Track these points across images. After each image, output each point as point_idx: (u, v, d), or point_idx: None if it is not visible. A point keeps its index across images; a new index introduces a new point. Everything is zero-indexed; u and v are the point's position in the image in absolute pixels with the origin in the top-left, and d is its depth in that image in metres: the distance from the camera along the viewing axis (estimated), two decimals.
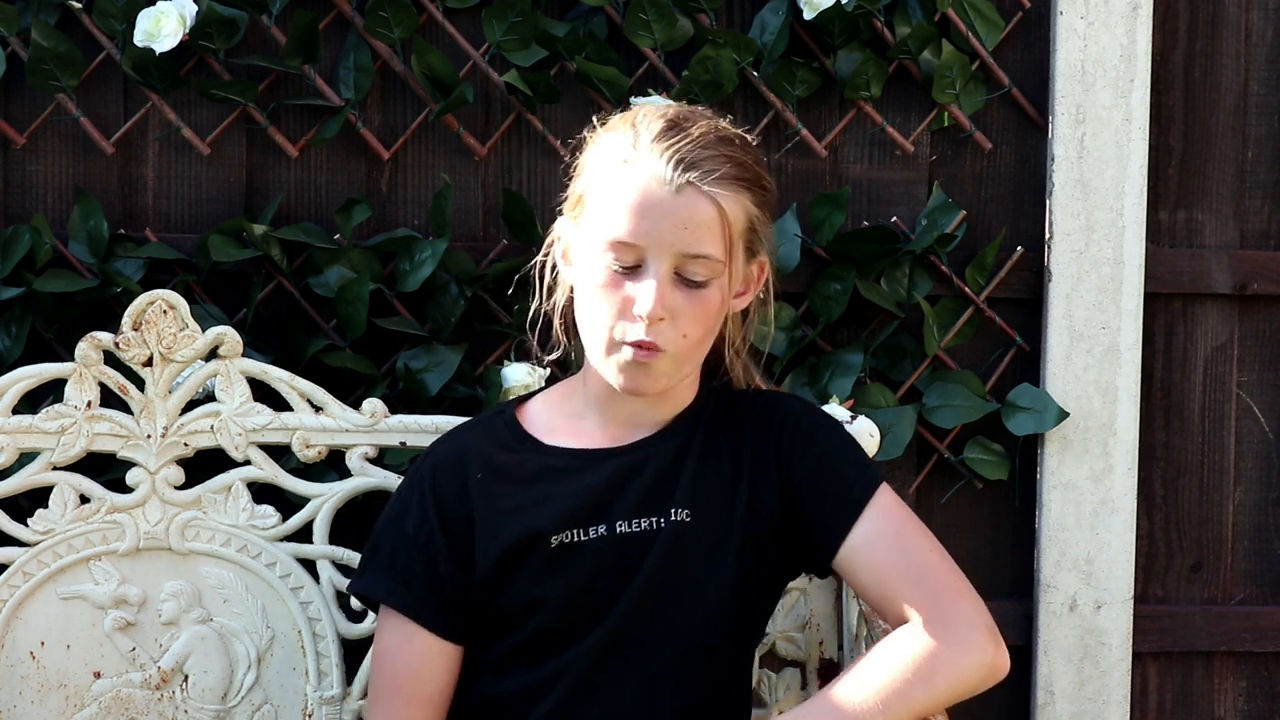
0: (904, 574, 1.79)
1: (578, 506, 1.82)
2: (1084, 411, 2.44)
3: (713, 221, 1.75)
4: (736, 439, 1.87)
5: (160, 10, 2.20)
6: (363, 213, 2.33)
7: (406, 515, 1.87)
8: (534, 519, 1.82)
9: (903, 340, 2.44)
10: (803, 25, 2.37)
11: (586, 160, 1.83)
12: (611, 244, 1.76)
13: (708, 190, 1.74)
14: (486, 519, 1.84)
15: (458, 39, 2.35)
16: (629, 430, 1.87)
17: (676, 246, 1.74)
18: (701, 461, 1.85)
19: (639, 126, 1.78)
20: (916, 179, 2.47)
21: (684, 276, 1.76)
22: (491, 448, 1.88)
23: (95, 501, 2.05)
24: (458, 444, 1.91)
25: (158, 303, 2.03)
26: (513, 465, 1.86)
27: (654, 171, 1.74)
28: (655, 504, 1.82)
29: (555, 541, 1.81)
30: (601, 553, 1.81)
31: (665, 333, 1.76)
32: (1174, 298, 2.53)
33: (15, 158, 2.32)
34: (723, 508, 1.83)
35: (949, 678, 1.73)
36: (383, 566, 1.88)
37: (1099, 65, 2.42)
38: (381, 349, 2.34)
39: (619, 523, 1.82)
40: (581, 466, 1.85)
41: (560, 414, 1.90)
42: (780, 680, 2.19)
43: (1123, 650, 2.48)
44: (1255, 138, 2.53)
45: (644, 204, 1.74)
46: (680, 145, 1.75)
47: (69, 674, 2.06)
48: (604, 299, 1.77)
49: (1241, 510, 2.57)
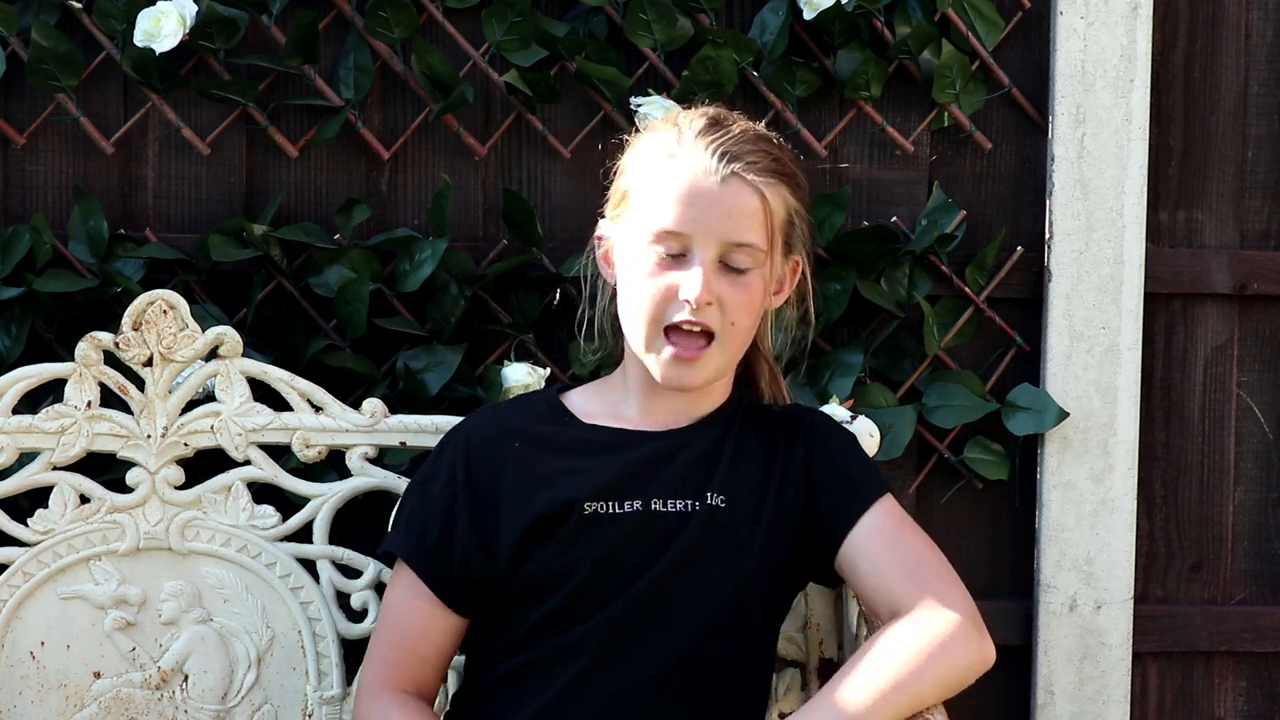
0: (899, 565, 1.84)
1: (615, 479, 1.86)
2: (1084, 411, 2.44)
3: (756, 211, 1.83)
4: (769, 442, 1.92)
5: (160, 10, 2.20)
6: (363, 213, 2.33)
7: (435, 477, 1.91)
8: (570, 486, 1.85)
9: (903, 340, 2.44)
10: (803, 25, 2.37)
11: (629, 160, 1.90)
12: (658, 234, 1.82)
13: (751, 180, 1.82)
14: (521, 485, 1.87)
15: (458, 39, 2.35)
16: (668, 419, 1.91)
17: (722, 235, 1.81)
18: (738, 452, 1.90)
19: (681, 124, 1.86)
20: (916, 179, 2.47)
21: (728, 265, 1.83)
22: (530, 420, 1.93)
23: (95, 501, 2.05)
24: (496, 415, 1.96)
25: (158, 303, 2.03)
26: (551, 436, 1.91)
27: (700, 163, 1.82)
28: (692, 486, 1.86)
29: (589, 509, 1.84)
30: (634, 528, 1.84)
31: (714, 318, 1.82)
32: (1174, 298, 2.53)
33: (15, 158, 2.32)
34: (756, 498, 1.88)
35: (942, 668, 1.76)
36: (402, 522, 1.92)
37: (1099, 65, 2.42)
38: (381, 349, 2.34)
39: (654, 500, 1.85)
40: (620, 443, 1.89)
41: (600, 401, 1.95)
42: (780, 680, 2.19)
43: (1123, 650, 2.48)
44: (1255, 138, 2.53)
45: (690, 193, 1.81)
46: (723, 139, 1.83)
47: (69, 674, 2.06)
48: (649, 288, 1.83)
49: (1241, 510, 2.57)
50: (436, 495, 1.89)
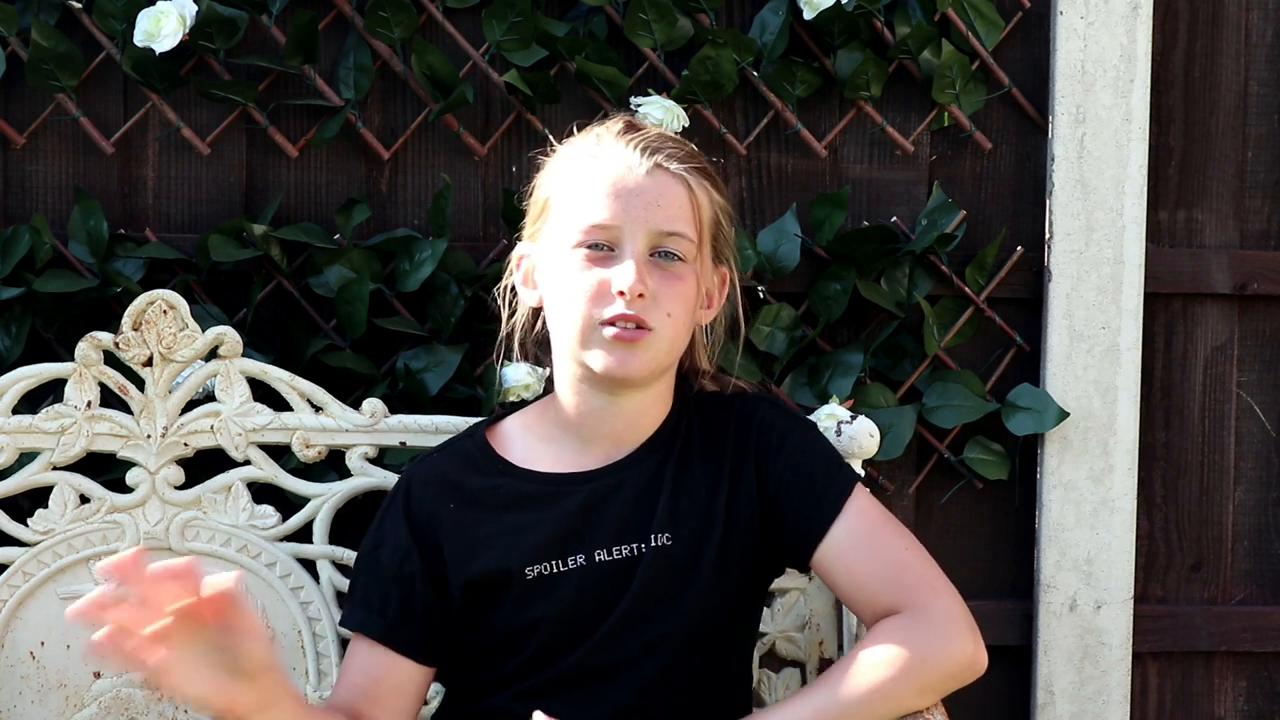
0: (879, 576, 1.81)
1: (553, 536, 1.83)
2: (1084, 411, 2.44)
3: (683, 200, 1.82)
4: (715, 451, 1.88)
5: (160, 10, 2.20)
6: (363, 213, 2.33)
7: (382, 545, 1.88)
8: (508, 550, 1.83)
9: (903, 340, 2.44)
10: (803, 25, 2.37)
11: (546, 174, 1.89)
12: (587, 229, 1.79)
13: (675, 170, 1.82)
14: (462, 548, 1.85)
15: (458, 39, 2.35)
16: (603, 451, 1.87)
17: (650, 224, 1.79)
18: (678, 481, 1.86)
19: (597, 131, 1.86)
20: (916, 179, 2.47)
21: (659, 257, 1.80)
22: (463, 472, 1.89)
23: (95, 501, 2.05)
24: (430, 470, 1.91)
25: (158, 303, 2.03)
26: (485, 491, 1.87)
27: (623, 158, 1.82)
28: (635, 529, 1.84)
29: (531, 574, 1.82)
30: (580, 583, 1.82)
31: (649, 310, 1.78)
32: (1174, 298, 2.53)
33: (15, 158, 2.32)
34: (702, 525, 1.85)
35: (930, 673, 1.75)
36: (359, 598, 1.89)
37: (1099, 65, 2.42)
38: (381, 349, 2.34)
39: (598, 551, 1.83)
40: (554, 493, 1.85)
41: (535, 436, 1.91)
42: (780, 680, 2.19)
43: (1123, 650, 2.48)
44: (1255, 138, 2.53)
45: (616, 186, 1.80)
46: (642, 136, 1.84)
47: (69, 674, 2.06)
48: (578, 287, 1.79)
49: (1241, 510, 2.57)
50: (386, 562, 1.87)
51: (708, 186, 1.85)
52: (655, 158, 1.81)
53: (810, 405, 2.38)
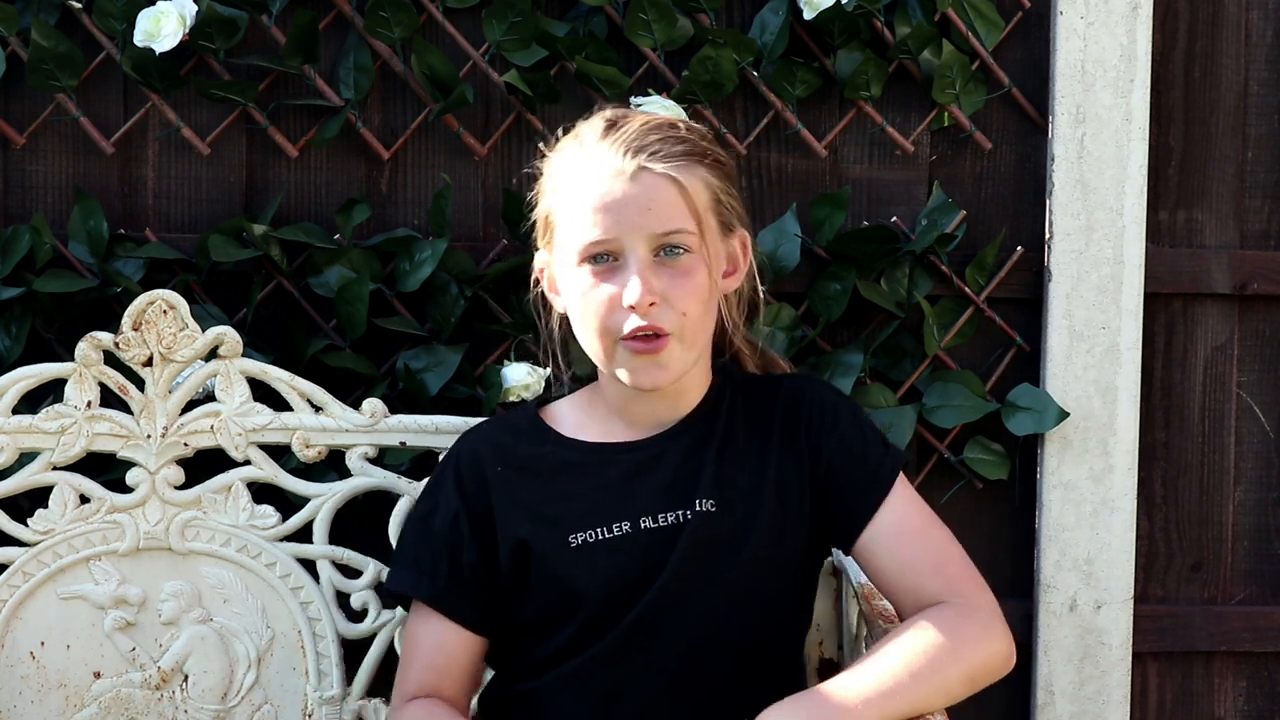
0: (927, 564, 1.83)
1: (598, 503, 1.85)
2: (1084, 411, 2.44)
3: (674, 197, 1.79)
4: (762, 425, 1.89)
5: (160, 10, 2.20)
6: (363, 213, 2.33)
7: (433, 511, 1.90)
8: (554, 517, 1.85)
9: (903, 340, 2.44)
10: (803, 25, 2.37)
11: (544, 185, 1.88)
12: (586, 248, 1.79)
13: (661, 170, 1.79)
14: (507, 513, 1.86)
15: (458, 39, 2.35)
16: (649, 426, 1.89)
17: (647, 229, 1.78)
18: (724, 450, 1.87)
19: (582, 133, 1.84)
20: (916, 179, 2.47)
21: (663, 254, 1.79)
22: (512, 440, 1.91)
23: (95, 501, 2.05)
24: (481, 438, 1.94)
25: (158, 303, 2.03)
26: (532, 459, 1.89)
27: (606, 166, 1.79)
28: (679, 497, 1.84)
29: (576, 541, 1.83)
30: (626, 549, 1.83)
31: (663, 316, 1.78)
32: (1174, 298, 2.53)
33: (15, 158, 2.32)
34: (749, 496, 1.85)
35: (975, 657, 1.75)
36: (408, 561, 1.91)
37: (1099, 65, 2.42)
38: (381, 349, 2.34)
39: (643, 518, 1.84)
40: (600, 461, 1.87)
41: (584, 414, 1.93)
42: None
43: (1123, 650, 2.48)
44: (1255, 138, 2.53)
45: (605, 200, 1.78)
46: (623, 136, 1.80)
47: (69, 674, 2.06)
48: (592, 304, 1.80)
49: (1241, 510, 2.57)
50: (438, 529, 1.89)
51: (701, 172, 1.82)
52: (639, 159, 1.78)
53: None
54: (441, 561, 1.88)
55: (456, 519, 1.87)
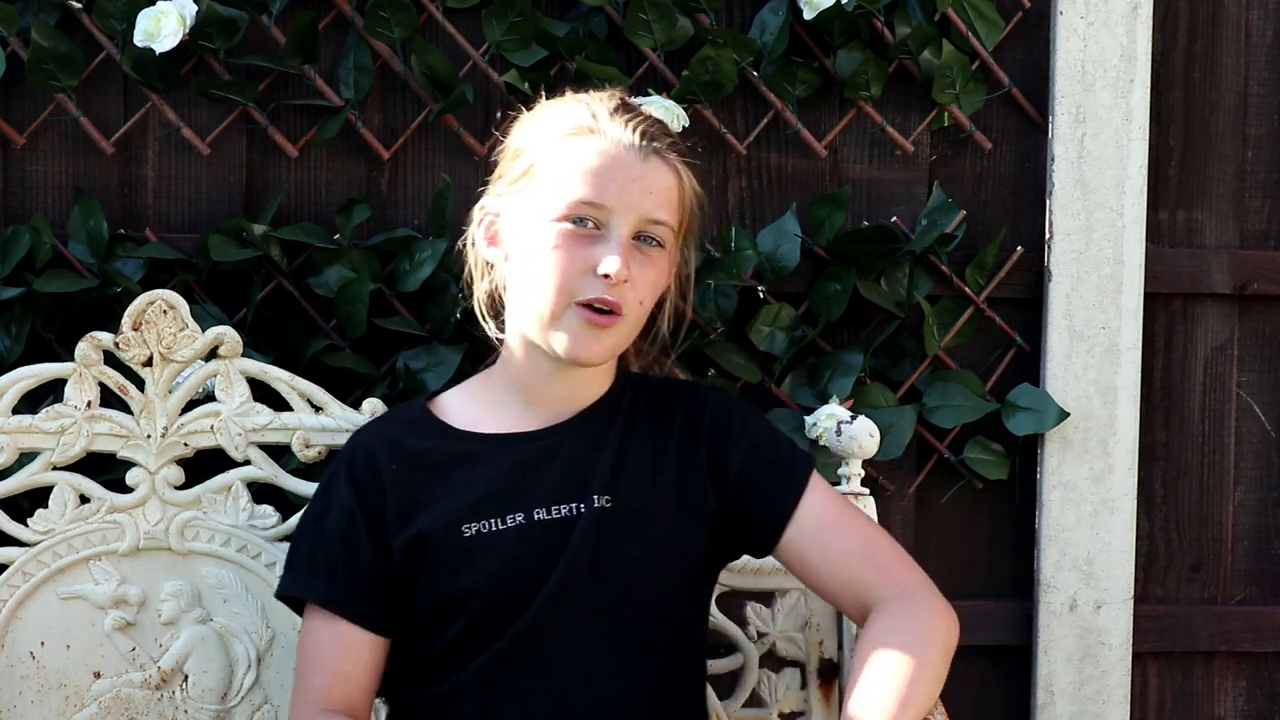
0: (857, 555, 1.85)
1: (491, 494, 1.82)
2: (1084, 411, 2.44)
3: (673, 190, 1.83)
4: (661, 425, 1.88)
5: (160, 10, 2.20)
6: (363, 213, 2.33)
7: (326, 511, 1.87)
8: (445, 510, 1.82)
9: (903, 340, 2.44)
10: (803, 25, 2.37)
11: (531, 135, 1.85)
12: (575, 204, 1.78)
13: (670, 159, 1.83)
14: (400, 509, 1.84)
15: (458, 39, 2.35)
16: (546, 414, 1.87)
17: (640, 210, 1.79)
18: (622, 445, 1.86)
19: (589, 101, 1.85)
20: (916, 179, 2.47)
21: (640, 243, 1.80)
22: (404, 435, 1.89)
23: (95, 501, 2.05)
24: (374, 433, 1.91)
25: (158, 303, 2.03)
26: (424, 453, 1.86)
27: (622, 138, 1.81)
28: (574, 488, 1.83)
29: (469, 531, 1.81)
30: (520, 541, 1.81)
31: (626, 295, 1.79)
32: (1174, 298, 2.53)
33: (15, 158, 2.32)
34: (645, 492, 1.84)
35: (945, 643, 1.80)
36: (302, 564, 1.88)
37: (1099, 65, 2.42)
38: (381, 349, 2.34)
39: (536, 510, 1.82)
40: (493, 451, 1.85)
41: (478, 402, 1.90)
42: (780, 680, 2.19)
43: (1123, 650, 2.48)
44: (1255, 138, 2.53)
45: (613, 167, 1.79)
46: (641, 118, 1.83)
47: (69, 674, 2.06)
48: (557, 261, 1.78)
49: (1241, 510, 2.57)
50: (332, 528, 1.86)
51: (693, 179, 1.87)
52: (654, 144, 1.81)
53: (810, 405, 2.38)
54: (339, 562, 1.84)
55: (352, 517, 1.84)
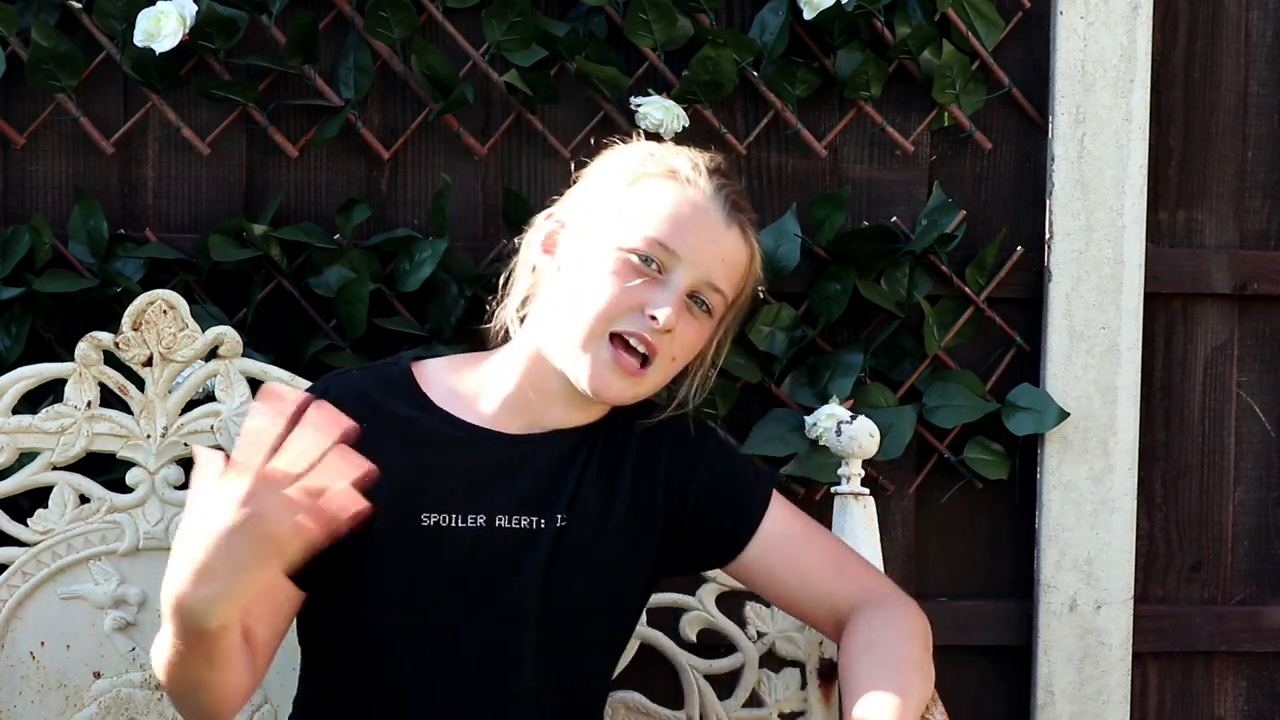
0: (828, 568, 1.89)
1: (458, 488, 1.80)
2: (1084, 411, 2.44)
3: (743, 265, 1.85)
4: (620, 447, 1.88)
5: (160, 10, 2.20)
6: (363, 213, 2.33)
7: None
8: (409, 492, 1.78)
9: (903, 340, 2.44)
10: (803, 25, 2.37)
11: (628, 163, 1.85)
12: (649, 241, 1.78)
13: (750, 236, 1.85)
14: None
15: (458, 39, 2.35)
16: (522, 422, 1.85)
17: (706, 270, 1.80)
18: (586, 467, 1.85)
19: (694, 156, 1.85)
20: (916, 179, 2.47)
21: (692, 302, 1.81)
22: (384, 396, 1.84)
23: (95, 501, 2.05)
24: (348, 385, 1.85)
25: (158, 303, 2.03)
26: (403, 422, 1.82)
27: (713, 198, 1.82)
28: (540, 503, 1.82)
29: (428, 521, 1.79)
30: (476, 544, 1.79)
31: (664, 344, 1.79)
32: (1174, 298, 2.53)
33: (15, 158, 2.32)
34: (598, 514, 1.84)
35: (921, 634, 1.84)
36: None
37: (1099, 65, 2.42)
38: (381, 349, 2.33)
39: (499, 516, 1.80)
40: (471, 443, 1.82)
41: (463, 384, 1.87)
42: (780, 680, 2.20)
43: (1123, 650, 2.48)
44: (1255, 138, 2.53)
45: (696, 220, 1.80)
46: (734, 189, 1.85)
47: (69, 674, 2.06)
48: (610, 286, 1.77)
49: (1241, 510, 2.57)
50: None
51: (760, 259, 1.87)
52: (739, 216, 1.83)
53: (810, 405, 2.38)
54: None
55: None
